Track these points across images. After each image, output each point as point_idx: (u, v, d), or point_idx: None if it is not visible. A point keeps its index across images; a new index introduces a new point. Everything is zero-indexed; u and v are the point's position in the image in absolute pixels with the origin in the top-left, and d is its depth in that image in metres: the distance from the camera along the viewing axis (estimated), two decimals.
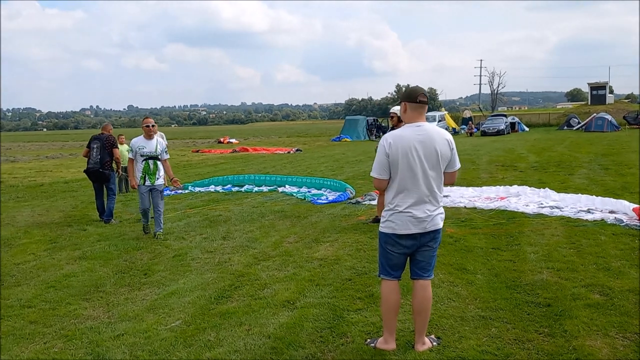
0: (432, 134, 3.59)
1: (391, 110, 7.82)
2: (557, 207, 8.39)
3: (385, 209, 3.70)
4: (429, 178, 3.55)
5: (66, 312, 4.81)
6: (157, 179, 7.65)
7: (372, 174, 3.76)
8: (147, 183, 7.62)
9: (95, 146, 9.23)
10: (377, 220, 8.02)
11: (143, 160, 7.57)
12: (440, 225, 3.67)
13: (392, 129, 7.80)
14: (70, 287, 5.51)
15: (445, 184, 3.72)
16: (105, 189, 9.38)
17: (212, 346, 3.97)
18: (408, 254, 3.69)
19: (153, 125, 7.71)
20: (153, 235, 7.61)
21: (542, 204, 8.75)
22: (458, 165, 3.72)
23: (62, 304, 5.02)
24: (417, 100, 3.61)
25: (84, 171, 9.65)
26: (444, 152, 3.58)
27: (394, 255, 3.68)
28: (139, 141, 7.65)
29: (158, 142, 7.70)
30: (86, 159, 9.49)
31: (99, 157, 9.20)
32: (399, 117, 7.76)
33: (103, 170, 9.23)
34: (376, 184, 3.76)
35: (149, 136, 7.65)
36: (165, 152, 7.82)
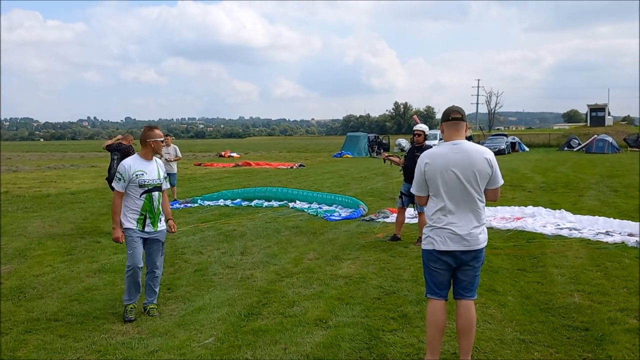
0: (470, 151, 3.59)
1: (416, 128, 7.79)
2: (575, 229, 8.37)
3: (426, 225, 3.74)
4: (468, 195, 3.56)
5: (95, 326, 4.73)
6: (161, 221, 5.14)
7: (411, 191, 3.88)
8: (148, 229, 4.98)
9: (115, 157, 9.19)
10: (395, 239, 7.98)
11: (143, 194, 4.94)
12: (482, 245, 3.63)
13: (417, 147, 7.79)
14: (95, 301, 5.43)
15: (488, 201, 3.70)
16: None
17: None
18: (451, 269, 3.66)
19: (162, 140, 5.19)
20: (142, 309, 5.08)
21: (559, 225, 8.73)
22: (500, 181, 3.68)
23: (89, 318, 4.94)
24: (449, 118, 3.68)
25: (106, 179, 9.72)
26: (482, 170, 3.56)
27: (437, 272, 3.66)
28: (134, 164, 4.96)
29: (159, 165, 5.17)
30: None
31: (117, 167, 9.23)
32: (425, 135, 7.76)
33: None
34: (417, 200, 3.87)
35: (150, 156, 5.09)
36: (166, 179, 5.24)
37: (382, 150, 39.77)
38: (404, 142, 44.56)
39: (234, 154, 42.40)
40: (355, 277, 6.09)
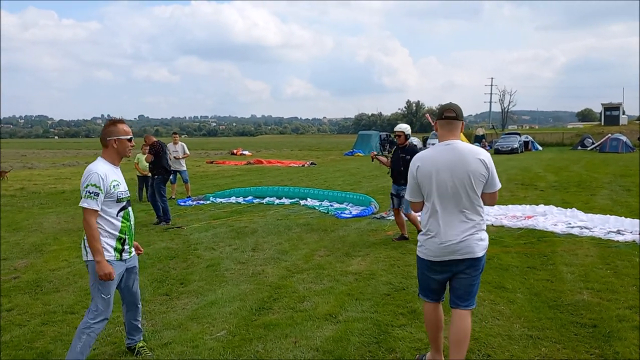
0: (464, 153, 3.35)
1: (396, 129, 7.77)
2: (586, 228, 8.35)
3: (420, 233, 3.56)
4: (462, 200, 3.33)
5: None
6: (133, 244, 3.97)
7: (405, 197, 3.69)
8: (125, 256, 3.83)
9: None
10: (402, 238, 7.94)
11: (121, 211, 3.78)
12: (479, 254, 3.38)
13: (400, 147, 7.74)
14: None
15: (486, 205, 3.46)
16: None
17: (261, 358, 3.99)
18: (446, 278, 3.49)
19: (130, 139, 3.90)
20: (131, 349, 4.13)
21: (570, 223, 8.72)
22: (498, 185, 3.44)
23: None
24: (442, 116, 3.44)
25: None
26: (476, 173, 3.32)
27: (430, 280, 3.53)
28: (108, 171, 3.76)
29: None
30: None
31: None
32: (406, 136, 7.68)
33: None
34: (411, 206, 3.67)
35: (118, 160, 3.91)
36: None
37: (387, 147, 39.56)
38: (416, 141, 44.45)
39: (246, 152, 42.57)
40: (365, 274, 6.15)
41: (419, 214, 3.71)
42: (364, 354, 4.00)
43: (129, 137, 3.85)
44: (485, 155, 3.38)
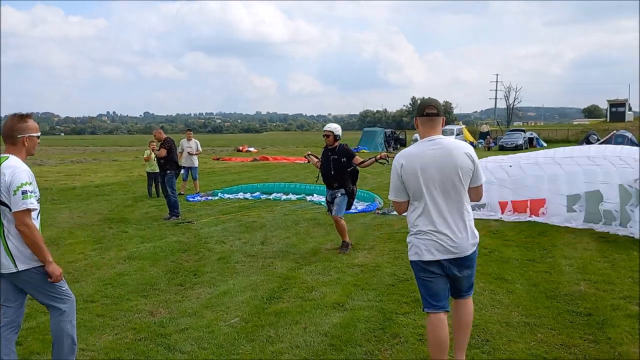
0: (450, 148, 3.31)
1: (325, 128, 7.29)
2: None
3: (409, 233, 3.46)
4: (452, 195, 3.30)
5: (128, 307, 5.11)
6: None
7: (389, 197, 3.52)
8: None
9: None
10: (345, 245, 7.26)
11: (39, 214, 3.52)
12: (470, 251, 3.36)
13: (330, 149, 7.25)
14: (126, 285, 5.82)
15: (472, 201, 3.44)
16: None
17: (274, 342, 4.25)
18: (444, 277, 3.38)
19: (39, 136, 3.66)
20: None
21: (571, 219, 8.90)
22: (483, 179, 3.40)
23: (123, 299, 5.33)
24: (424, 113, 3.38)
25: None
26: (464, 167, 3.29)
27: (430, 282, 3.37)
28: (29, 170, 3.45)
29: None
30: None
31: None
32: (334, 137, 7.19)
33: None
34: (395, 207, 3.56)
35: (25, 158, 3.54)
36: None
37: (398, 146, 39.78)
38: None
39: (252, 149, 42.83)
40: (370, 266, 6.40)
41: (405, 213, 3.52)
42: (370, 339, 4.25)
43: (39, 134, 3.57)
44: (469, 148, 3.39)
